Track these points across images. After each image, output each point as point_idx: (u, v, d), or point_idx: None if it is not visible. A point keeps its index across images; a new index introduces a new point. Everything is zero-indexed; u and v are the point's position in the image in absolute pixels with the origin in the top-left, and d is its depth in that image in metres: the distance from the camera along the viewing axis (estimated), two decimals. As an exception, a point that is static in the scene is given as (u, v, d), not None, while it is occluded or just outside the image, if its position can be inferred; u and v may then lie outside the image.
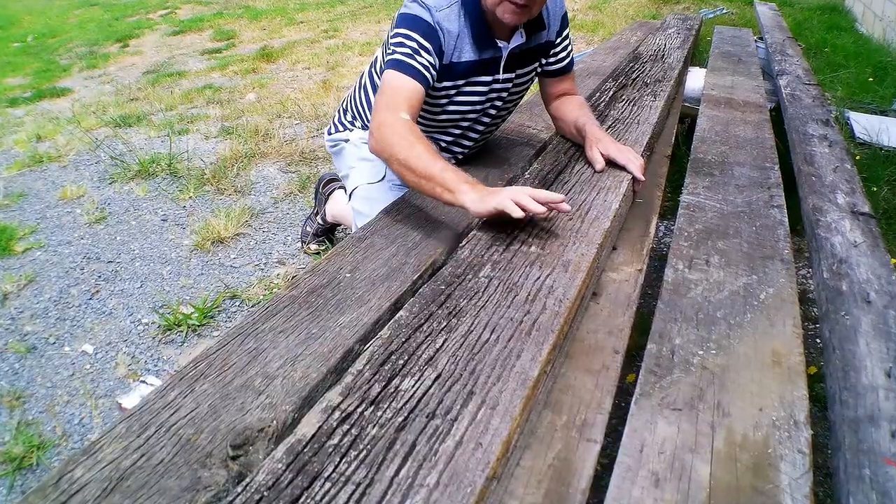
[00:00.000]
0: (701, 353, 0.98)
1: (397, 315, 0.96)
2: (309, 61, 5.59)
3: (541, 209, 1.13)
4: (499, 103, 1.62)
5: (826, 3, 6.67)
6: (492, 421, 0.75)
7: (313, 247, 2.45)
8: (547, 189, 1.40)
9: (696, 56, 3.69)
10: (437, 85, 1.47)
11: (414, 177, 1.23)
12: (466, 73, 1.49)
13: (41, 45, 7.39)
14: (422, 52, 1.38)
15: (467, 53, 1.46)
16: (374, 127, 1.31)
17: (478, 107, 1.58)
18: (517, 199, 1.13)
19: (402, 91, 1.34)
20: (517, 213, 1.12)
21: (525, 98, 1.85)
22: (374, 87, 1.68)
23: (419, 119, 1.56)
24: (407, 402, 0.78)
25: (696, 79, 2.96)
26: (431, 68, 1.40)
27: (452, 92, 1.52)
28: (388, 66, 1.38)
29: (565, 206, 1.17)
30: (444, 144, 1.69)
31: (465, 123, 1.64)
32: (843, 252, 1.32)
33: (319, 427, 0.74)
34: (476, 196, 1.17)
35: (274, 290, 2.24)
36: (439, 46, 1.41)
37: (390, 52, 1.40)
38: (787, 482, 0.75)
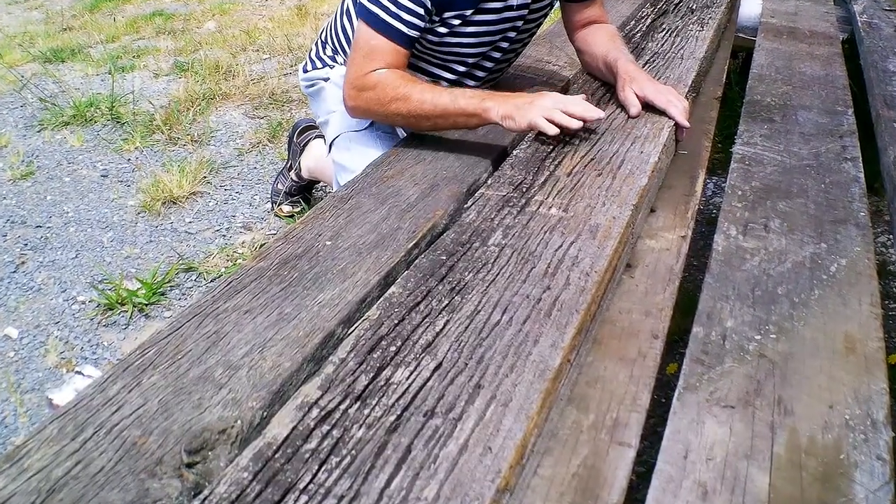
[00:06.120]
0: (758, 337, 0.97)
1: (388, 292, 0.96)
2: (280, -18, 5.51)
3: (576, 125, 1.27)
4: (511, 34, 1.59)
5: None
6: (503, 420, 0.75)
7: (286, 208, 2.44)
8: (573, 132, 1.38)
9: (751, -24, 3.64)
10: (435, 18, 1.44)
11: (427, 122, 1.34)
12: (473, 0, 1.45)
13: (-48, -38, 7.27)
14: (405, 1, 1.36)
15: None
16: (352, 94, 1.38)
17: (486, 38, 1.55)
18: (550, 115, 1.26)
19: (377, 53, 1.38)
20: (552, 131, 1.25)
21: (543, 27, 1.82)
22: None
23: (413, 55, 1.53)
24: (400, 397, 0.78)
25: (752, 4, 2.94)
26: (417, 19, 1.39)
27: (456, 23, 1.48)
28: (361, 14, 1.39)
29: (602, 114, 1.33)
30: (444, 85, 1.66)
31: (472, 60, 1.61)
32: (932, 215, 1.31)
33: (294, 428, 0.74)
34: (505, 110, 1.29)
35: (238, 261, 2.23)
36: None
37: None
38: (864, 495, 0.74)
